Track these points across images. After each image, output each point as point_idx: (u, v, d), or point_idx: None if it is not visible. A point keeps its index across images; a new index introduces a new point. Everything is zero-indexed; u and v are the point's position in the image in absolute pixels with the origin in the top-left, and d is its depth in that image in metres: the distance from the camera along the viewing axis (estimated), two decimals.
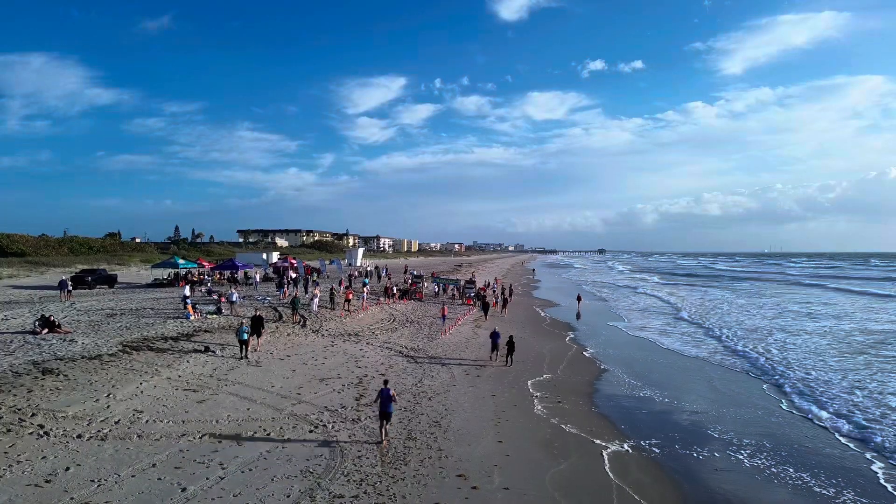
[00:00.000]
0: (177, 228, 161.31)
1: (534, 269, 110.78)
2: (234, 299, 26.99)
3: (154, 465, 10.09)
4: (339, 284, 38.84)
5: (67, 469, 9.66)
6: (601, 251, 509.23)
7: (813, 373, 20.61)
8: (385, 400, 12.41)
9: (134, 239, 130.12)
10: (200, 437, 11.54)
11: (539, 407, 15.78)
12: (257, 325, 19.91)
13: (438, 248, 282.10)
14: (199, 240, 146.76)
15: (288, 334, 23.42)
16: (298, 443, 11.71)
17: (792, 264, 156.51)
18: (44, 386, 13.37)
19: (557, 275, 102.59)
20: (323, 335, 24.17)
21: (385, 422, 12.51)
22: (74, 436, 11.03)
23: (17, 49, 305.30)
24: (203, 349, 18.78)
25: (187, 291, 26.49)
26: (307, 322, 25.73)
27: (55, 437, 10.89)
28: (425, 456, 11.48)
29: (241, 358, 18.30)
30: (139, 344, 18.52)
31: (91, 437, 11.06)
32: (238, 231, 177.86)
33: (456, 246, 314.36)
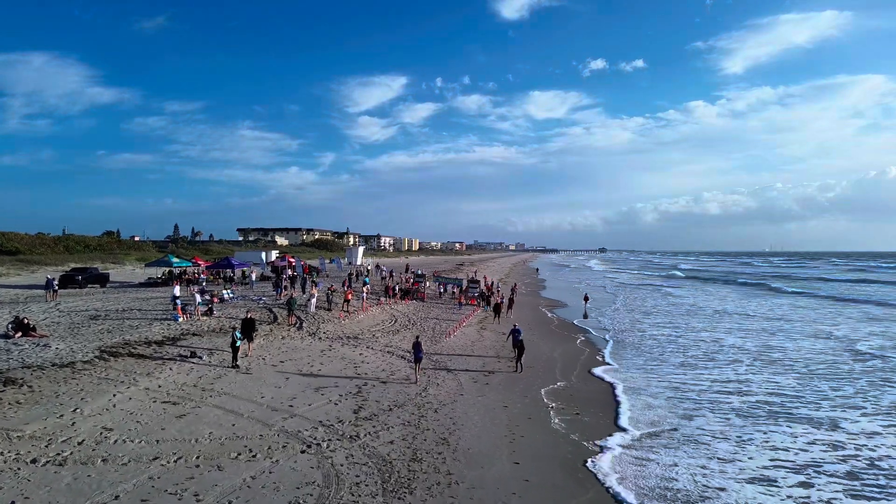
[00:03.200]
0: (176, 227, 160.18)
1: (537, 269, 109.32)
2: (210, 299, 25.51)
3: (117, 497, 8.63)
4: (343, 285, 37.04)
5: None
6: (602, 250, 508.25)
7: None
8: (417, 350, 17.56)
9: (133, 237, 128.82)
10: (175, 461, 10.06)
11: (556, 420, 14.31)
12: (248, 329, 18.44)
13: (439, 246, 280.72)
14: (198, 238, 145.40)
15: (283, 337, 21.95)
16: (288, 466, 10.24)
17: (760, 263, 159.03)
18: (2, 399, 11.91)
19: (560, 274, 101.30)
20: (320, 338, 22.70)
21: (418, 365, 17.63)
22: (28, 461, 9.56)
23: (18, 48, 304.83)
24: (189, 354, 17.32)
25: (177, 291, 25.01)
26: (304, 324, 24.25)
27: (5, 461, 9.43)
28: (433, 482, 10.01)
29: (232, 366, 16.83)
30: (119, 349, 17.05)
31: (48, 462, 9.59)
32: (238, 230, 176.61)
33: (457, 245, 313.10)
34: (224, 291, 29.71)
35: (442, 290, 44.63)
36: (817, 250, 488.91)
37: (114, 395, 13.05)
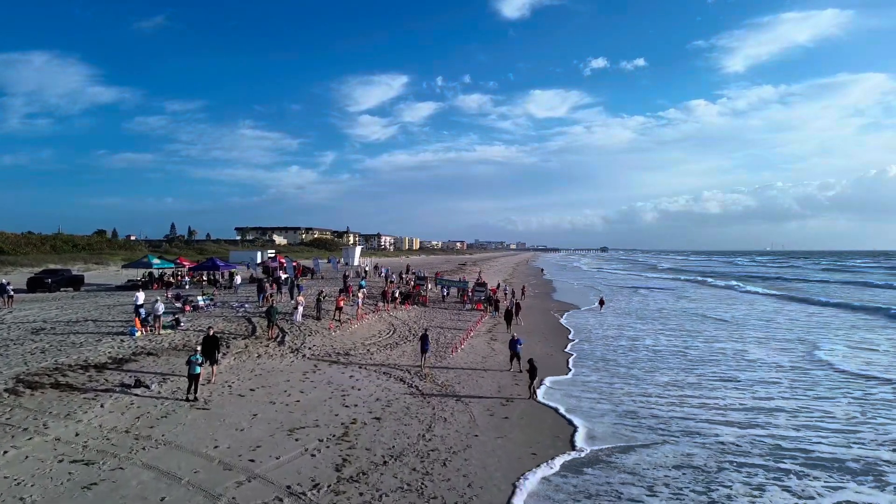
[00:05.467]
0: (173, 226, 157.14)
1: (542, 269, 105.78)
2: (182, 307, 21.98)
3: None
4: (348, 291, 32.91)
5: None
6: (604, 249, 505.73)
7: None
8: (424, 342, 18.84)
9: (129, 237, 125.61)
10: None
11: None
12: (211, 349, 14.97)
13: (440, 246, 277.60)
14: (193, 237, 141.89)
15: (258, 356, 18.45)
16: None
17: (745, 262, 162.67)
18: None
19: (567, 274, 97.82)
20: (304, 356, 19.20)
21: (424, 356, 18.74)
22: None
23: (19, 47, 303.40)
24: (133, 383, 13.83)
25: (140, 298, 21.44)
26: (286, 338, 20.78)
27: None
28: None
29: (187, 399, 13.34)
30: (43, 377, 13.51)
31: None
32: (236, 229, 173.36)
33: (458, 244, 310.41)
34: (199, 297, 26.20)
35: (445, 294, 41.20)
36: (819, 249, 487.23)
37: (4, 453, 9.55)
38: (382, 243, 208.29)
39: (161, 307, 19.79)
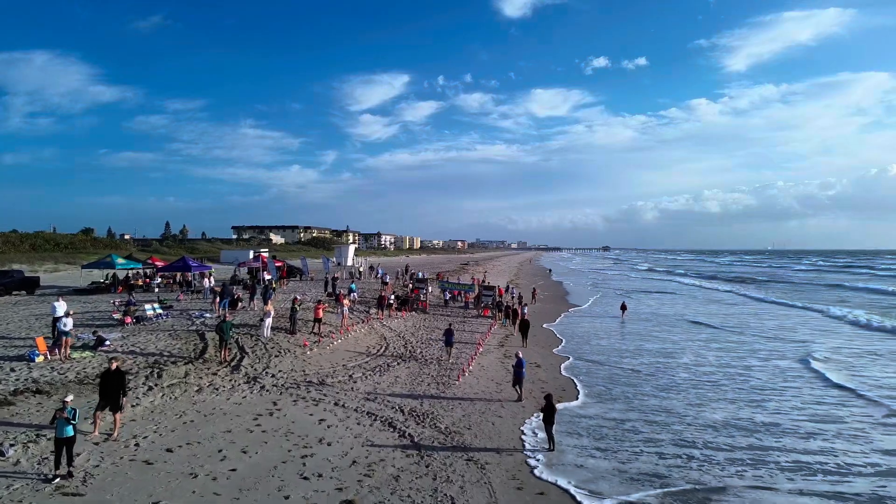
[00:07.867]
0: (167, 224, 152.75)
1: (549, 269, 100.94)
2: (121, 319, 17.33)
3: None
4: (339, 299, 25.84)
5: None
6: (606, 248, 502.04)
7: None
8: (449, 336, 19.27)
9: (123, 235, 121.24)
10: None
11: None
12: (110, 392, 10.25)
13: (441, 245, 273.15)
14: (185, 236, 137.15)
15: (199, 388, 13.71)
16: None
17: (724, 260, 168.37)
18: None
19: (575, 275, 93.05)
20: (262, 387, 14.46)
21: (449, 348, 19.21)
22: None
23: (20, 46, 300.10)
24: None
25: (59, 309, 16.68)
26: (244, 360, 16.08)
27: None
28: None
29: (54, 477, 8.62)
30: None
31: None
32: (232, 227, 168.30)
33: (458, 243, 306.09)
34: (147, 306, 21.50)
35: (447, 298, 36.54)
36: (820, 248, 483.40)
37: None
38: (382, 242, 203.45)
39: (70, 322, 15.03)
